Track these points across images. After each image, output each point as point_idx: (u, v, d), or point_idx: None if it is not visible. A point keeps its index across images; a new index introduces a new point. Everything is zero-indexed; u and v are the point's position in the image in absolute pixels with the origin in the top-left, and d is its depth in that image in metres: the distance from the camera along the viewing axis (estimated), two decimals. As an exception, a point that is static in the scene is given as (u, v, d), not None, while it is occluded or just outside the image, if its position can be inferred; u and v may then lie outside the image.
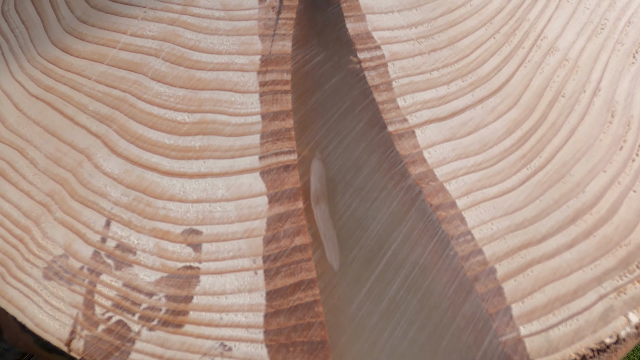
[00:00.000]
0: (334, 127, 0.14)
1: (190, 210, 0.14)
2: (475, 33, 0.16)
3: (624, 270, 0.11)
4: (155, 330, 0.12)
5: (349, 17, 0.17)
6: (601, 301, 0.11)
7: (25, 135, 0.16)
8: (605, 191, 0.12)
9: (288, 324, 0.11)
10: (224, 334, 0.11)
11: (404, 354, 0.11)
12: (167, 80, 0.16)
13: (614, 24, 0.15)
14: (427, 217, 0.12)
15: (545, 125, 0.13)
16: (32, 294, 0.13)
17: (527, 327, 0.11)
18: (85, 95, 0.17)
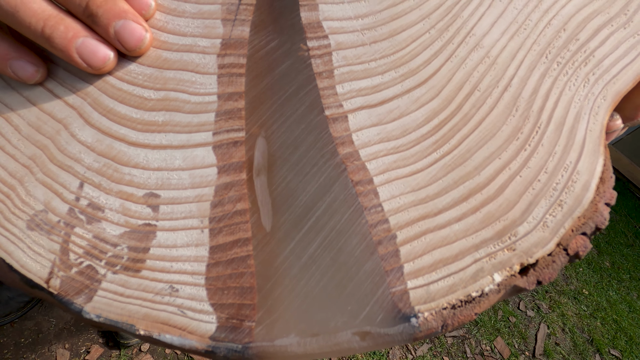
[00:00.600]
0: (279, 109, 0.16)
1: (151, 177, 0.16)
2: (414, 27, 0.17)
3: (497, 240, 0.13)
4: (118, 273, 0.14)
5: (304, 6, 0.18)
6: (475, 264, 0.13)
7: (10, 103, 0.18)
8: (496, 175, 0.14)
9: (225, 272, 0.14)
10: (173, 279, 0.14)
11: (315, 297, 0.13)
12: (136, 58, 0.18)
13: (536, 25, 0.17)
14: (347, 190, 0.15)
15: (458, 115, 0.15)
16: (18, 241, 0.15)
17: (413, 281, 0.13)
18: (63, 69, 0.18)
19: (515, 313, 1.70)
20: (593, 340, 1.77)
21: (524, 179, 0.14)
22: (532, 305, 1.79)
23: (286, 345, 0.13)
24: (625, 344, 1.84)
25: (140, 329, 0.13)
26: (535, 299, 1.82)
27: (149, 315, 0.13)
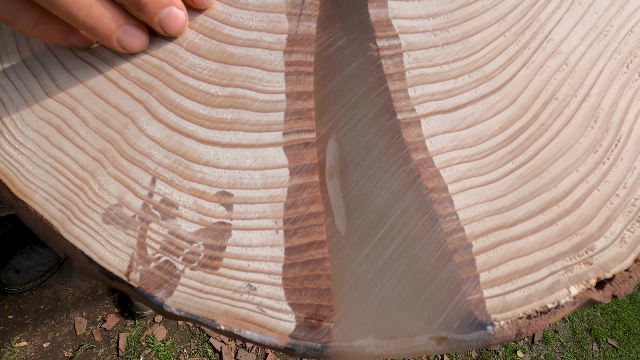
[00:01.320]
0: (350, 110, 0.16)
1: (223, 175, 0.16)
2: (488, 29, 0.17)
3: (574, 254, 0.14)
4: (196, 270, 0.15)
5: (372, 3, 0.18)
6: (551, 276, 0.13)
7: (75, 95, 0.18)
8: (574, 188, 0.14)
9: (302, 274, 0.14)
10: (251, 277, 0.14)
11: (391, 303, 0.14)
12: (200, 52, 0.18)
13: (617, 32, 0.16)
14: (422, 197, 0.15)
15: (535, 125, 0.15)
16: (95, 234, 0.16)
17: (489, 290, 0.13)
18: (126, 61, 0.18)
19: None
20: (592, 329, 1.81)
21: (602, 193, 0.14)
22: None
23: (364, 347, 0.13)
24: (623, 334, 1.88)
25: (220, 324, 0.14)
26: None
27: (228, 312, 0.14)
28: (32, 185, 0.16)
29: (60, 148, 0.17)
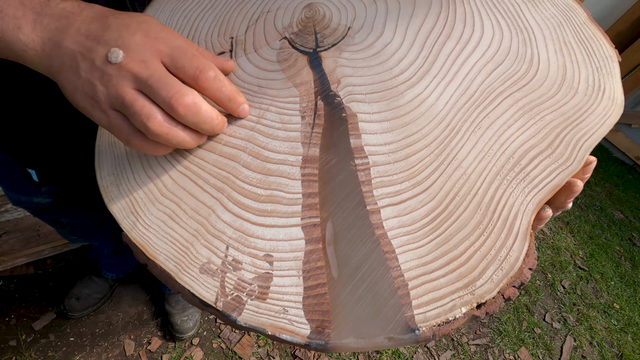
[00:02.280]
0: (339, 205, 0.28)
1: (267, 244, 0.28)
2: (420, 152, 0.28)
3: (464, 289, 0.24)
4: (254, 300, 0.26)
5: (352, 135, 0.30)
6: (451, 302, 0.24)
7: (178, 194, 0.31)
8: (466, 250, 0.25)
9: (313, 302, 0.25)
10: (285, 304, 0.26)
11: (363, 319, 0.25)
12: (251, 167, 0.30)
13: (495, 153, 0.27)
14: (380, 257, 0.26)
15: (445, 212, 0.26)
16: (195, 280, 0.27)
17: (417, 310, 0.24)
18: (207, 173, 0.31)
19: (540, 324, 1.73)
20: (623, 355, 1.76)
21: (482, 253, 0.25)
22: (559, 317, 1.80)
23: (348, 343, 0.24)
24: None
25: (268, 331, 0.25)
26: (562, 312, 1.83)
27: (273, 324, 0.25)
28: (157, 251, 0.29)
29: (172, 228, 0.29)
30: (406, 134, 0.29)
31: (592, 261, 2.12)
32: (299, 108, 0.31)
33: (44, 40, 0.25)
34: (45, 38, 0.25)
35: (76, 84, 0.25)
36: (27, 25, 0.25)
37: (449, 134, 0.28)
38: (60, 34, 0.25)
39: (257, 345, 1.26)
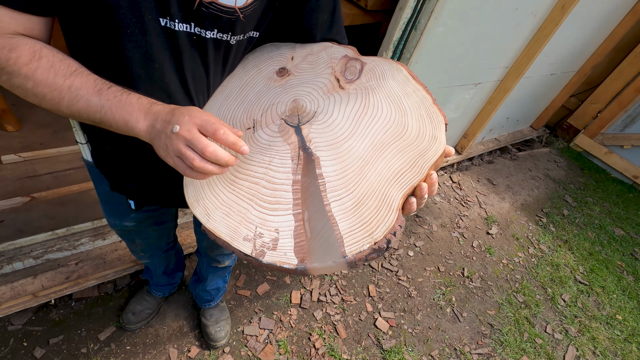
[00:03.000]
0: (311, 202, 0.55)
1: (276, 224, 0.55)
2: (350, 174, 0.56)
3: (370, 238, 0.50)
4: (270, 250, 0.53)
5: (317, 167, 0.57)
6: (362, 243, 0.50)
7: (229, 203, 0.59)
8: (372, 219, 0.52)
9: (298, 249, 0.52)
10: (285, 251, 0.52)
11: (321, 253, 0.51)
12: (266, 187, 0.58)
13: (386, 172, 0.54)
14: (329, 225, 0.53)
15: (361, 202, 0.53)
16: (241, 244, 0.54)
17: (347, 248, 0.50)
18: (244, 191, 0.59)
19: (541, 335, 1.85)
20: (630, 365, 1.84)
21: (378, 220, 0.51)
22: (560, 328, 1.92)
23: (315, 266, 0.50)
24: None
25: (277, 264, 0.52)
26: (564, 323, 1.94)
27: (280, 261, 0.52)
28: (221, 232, 0.56)
29: (227, 220, 0.57)
30: (343, 165, 0.56)
31: (592, 276, 2.24)
32: (290, 155, 0.59)
33: (147, 126, 0.54)
34: (148, 125, 0.54)
35: (160, 144, 0.54)
36: (141, 119, 0.54)
37: (364, 164, 0.55)
38: (154, 122, 0.54)
39: (279, 353, 1.47)
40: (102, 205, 0.90)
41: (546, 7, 1.96)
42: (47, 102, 0.52)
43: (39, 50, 0.50)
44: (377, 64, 0.63)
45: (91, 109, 0.52)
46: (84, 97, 0.52)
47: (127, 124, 0.54)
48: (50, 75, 0.50)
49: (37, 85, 0.50)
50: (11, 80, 0.50)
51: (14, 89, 0.51)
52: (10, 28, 0.49)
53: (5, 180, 1.48)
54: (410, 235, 2.13)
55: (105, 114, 0.53)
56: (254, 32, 0.64)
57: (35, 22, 0.51)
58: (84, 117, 0.54)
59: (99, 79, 0.53)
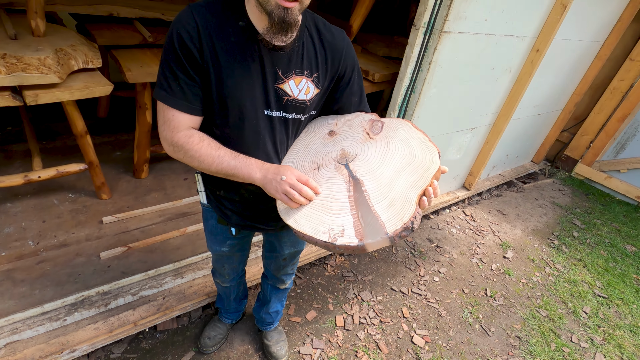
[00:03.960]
0: (361, 206, 0.91)
1: (341, 223, 0.90)
2: (383, 188, 0.92)
3: (400, 222, 0.85)
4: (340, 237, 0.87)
5: (362, 186, 0.94)
6: (396, 225, 0.84)
7: (310, 214, 0.94)
8: (400, 211, 0.86)
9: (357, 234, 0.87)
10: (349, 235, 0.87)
11: (372, 234, 0.86)
12: (332, 202, 0.94)
13: (405, 183, 0.90)
14: (375, 217, 0.88)
15: (393, 204, 0.88)
16: (320, 235, 0.89)
17: (387, 229, 0.85)
18: (319, 205, 0.95)
19: (568, 345, 2.01)
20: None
21: (397, 210, 0.86)
22: (586, 338, 2.07)
23: (369, 242, 0.85)
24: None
25: (345, 243, 0.86)
26: (588, 333, 2.10)
27: (346, 243, 0.86)
28: (306, 230, 0.91)
29: (311, 224, 0.92)
30: (378, 183, 0.92)
31: (610, 289, 2.40)
32: (344, 181, 0.96)
33: (262, 176, 0.92)
34: (262, 175, 0.93)
35: (271, 186, 0.91)
36: (257, 172, 0.93)
37: (391, 181, 0.92)
38: (267, 173, 0.92)
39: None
40: (208, 237, 1.27)
41: (518, 64, 2.43)
42: (204, 164, 0.92)
43: (201, 136, 0.92)
44: (392, 122, 1.03)
45: (229, 168, 0.92)
46: (226, 161, 0.91)
47: (249, 175, 0.92)
48: (208, 150, 0.91)
49: (201, 156, 0.90)
50: (186, 153, 0.91)
51: (186, 158, 0.92)
52: (187, 125, 0.91)
53: (107, 236, 1.88)
54: (434, 263, 2.39)
55: (237, 170, 0.92)
56: (314, 111, 1.06)
57: (198, 120, 0.93)
58: (223, 173, 0.93)
59: (231, 150, 0.93)
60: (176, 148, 0.90)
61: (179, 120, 0.89)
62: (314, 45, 0.94)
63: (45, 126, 2.72)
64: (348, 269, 2.22)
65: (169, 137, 0.90)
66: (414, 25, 1.79)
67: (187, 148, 0.89)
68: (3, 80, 1.36)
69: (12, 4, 1.99)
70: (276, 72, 0.90)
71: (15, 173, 1.90)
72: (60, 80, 1.50)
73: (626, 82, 3.22)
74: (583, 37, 2.81)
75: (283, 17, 0.77)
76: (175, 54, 0.82)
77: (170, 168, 2.57)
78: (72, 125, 1.84)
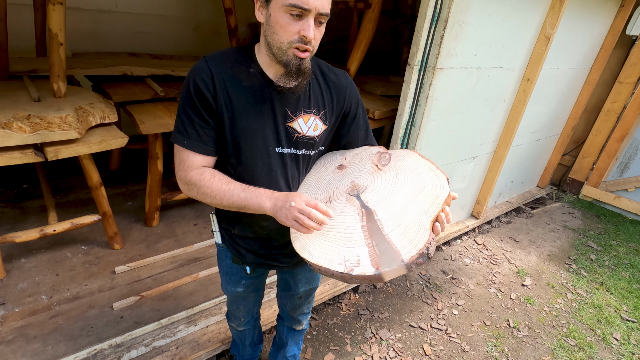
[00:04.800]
0: (374, 235, 0.92)
1: (357, 253, 0.91)
2: (395, 217, 0.94)
3: (415, 248, 0.86)
4: (356, 267, 0.88)
5: (375, 215, 0.96)
6: (411, 251, 0.86)
7: (323, 245, 0.96)
8: (415, 237, 0.88)
9: (373, 263, 0.88)
10: (366, 265, 0.88)
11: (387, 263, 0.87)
12: (345, 233, 0.96)
13: (418, 210, 0.92)
14: (390, 245, 0.89)
15: (406, 231, 0.90)
16: (336, 266, 0.90)
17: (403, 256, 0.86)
18: (332, 233, 0.96)
19: (604, 375, 1.88)
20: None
21: (412, 237, 0.87)
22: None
23: (385, 271, 0.86)
24: None
25: (362, 273, 0.87)
26: (623, 361, 1.97)
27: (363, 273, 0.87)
28: (321, 261, 0.92)
29: (325, 256, 0.93)
30: (391, 211, 0.95)
31: (638, 313, 2.30)
32: (357, 212, 0.98)
33: (272, 205, 0.95)
34: (272, 204, 0.95)
35: (281, 214, 0.94)
36: (267, 202, 0.96)
37: (403, 209, 0.94)
38: (276, 202, 0.95)
39: (355, 415, 1.60)
40: (223, 277, 1.27)
41: (511, 93, 2.53)
42: (217, 199, 0.95)
43: (213, 172, 0.96)
44: (399, 153, 1.08)
45: (240, 200, 0.95)
46: (236, 194, 0.95)
47: (260, 206, 0.95)
48: (219, 184, 0.95)
49: (212, 191, 0.94)
50: (199, 190, 0.94)
51: (200, 195, 0.95)
52: (200, 164, 0.96)
53: (120, 286, 1.87)
54: (451, 295, 2.32)
55: (247, 201, 0.95)
56: (323, 147, 1.11)
57: (211, 160, 0.98)
58: (234, 205, 0.96)
59: (241, 183, 0.97)
60: (190, 186, 0.94)
61: (192, 160, 0.94)
62: (320, 85, 1.01)
63: (59, 182, 2.81)
64: (363, 306, 2.16)
65: (183, 176, 0.94)
66: (409, 64, 1.90)
67: (199, 185, 0.93)
68: (27, 139, 1.44)
69: (35, 70, 2.15)
70: (286, 111, 0.96)
71: (31, 228, 1.94)
72: (79, 136, 1.59)
73: (619, 104, 3.31)
74: (570, 64, 2.94)
75: (299, 66, 0.85)
76: (191, 100, 0.89)
77: (180, 214, 2.61)
78: (87, 178, 1.91)
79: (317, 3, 0.78)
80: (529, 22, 2.27)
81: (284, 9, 0.79)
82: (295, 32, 0.81)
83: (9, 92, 1.80)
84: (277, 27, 0.82)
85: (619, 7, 2.99)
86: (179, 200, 2.65)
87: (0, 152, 1.45)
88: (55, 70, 1.70)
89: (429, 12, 1.76)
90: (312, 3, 0.77)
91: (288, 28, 0.81)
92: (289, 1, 0.77)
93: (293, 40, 0.82)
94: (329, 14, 0.82)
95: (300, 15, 0.79)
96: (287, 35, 0.82)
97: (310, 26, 0.80)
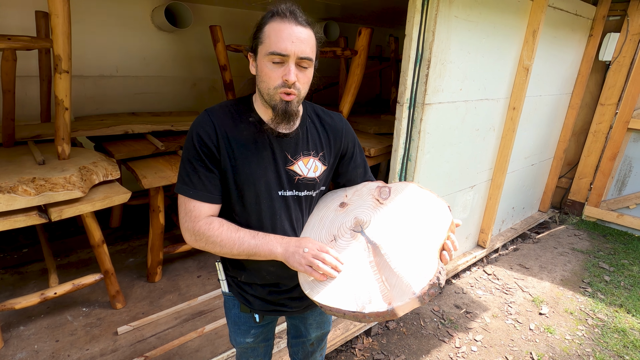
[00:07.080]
0: (383, 269, 0.91)
1: (366, 296, 0.90)
2: (401, 251, 0.94)
3: (425, 280, 0.85)
4: (368, 305, 0.86)
5: (380, 249, 0.96)
6: (423, 283, 0.84)
7: (332, 291, 0.94)
8: (425, 269, 0.87)
9: (385, 299, 0.86)
10: (378, 303, 0.86)
11: (399, 297, 0.85)
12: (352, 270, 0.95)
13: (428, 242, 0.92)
14: (401, 279, 0.88)
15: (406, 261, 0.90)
16: (348, 306, 0.88)
17: (415, 289, 0.85)
18: (342, 278, 0.95)
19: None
20: None
21: (425, 267, 0.87)
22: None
23: (397, 305, 0.84)
24: None
25: (375, 311, 0.85)
26: (659, 389, 1.85)
27: (375, 311, 0.85)
28: (333, 304, 0.90)
29: (336, 300, 0.92)
30: (396, 244, 0.95)
31: (664, 334, 2.20)
32: (363, 248, 0.98)
33: (283, 250, 0.95)
34: (284, 249, 0.95)
35: (294, 259, 0.94)
36: (278, 247, 0.96)
37: (409, 240, 0.94)
38: (288, 247, 0.95)
39: None
40: (232, 328, 1.23)
41: (499, 122, 2.62)
42: (226, 248, 0.95)
43: (221, 221, 0.97)
44: (398, 185, 1.10)
45: (250, 247, 0.95)
46: (246, 242, 0.95)
47: (271, 251, 0.95)
48: (228, 233, 0.95)
49: (222, 240, 0.95)
50: (208, 240, 0.95)
51: (208, 245, 0.96)
52: (207, 213, 0.97)
53: (123, 348, 1.79)
54: (467, 331, 2.23)
55: (258, 248, 0.95)
56: (324, 187, 1.13)
57: (217, 208, 1.00)
58: (245, 253, 0.96)
59: (250, 230, 0.98)
60: (198, 236, 0.94)
61: (199, 210, 0.95)
62: (317, 128, 1.05)
63: (60, 242, 2.78)
64: (378, 350, 2.06)
65: (190, 227, 0.95)
66: (399, 102, 1.99)
67: (208, 235, 0.94)
68: (32, 201, 1.46)
69: (40, 135, 2.23)
70: (286, 156, 0.99)
71: (31, 293, 1.90)
72: (83, 194, 1.61)
73: (605, 124, 3.42)
74: (551, 91, 3.08)
75: (285, 108, 0.90)
76: (195, 151, 0.92)
77: (183, 267, 2.56)
78: (89, 236, 1.90)
79: (295, 48, 0.84)
80: (507, 55, 2.41)
81: (267, 57, 0.86)
82: (279, 77, 0.87)
83: (15, 158, 1.85)
84: (264, 75, 0.89)
85: (588, 37, 3.20)
86: (181, 252, 2.62)
87: (4, 216, 1.46)
88: (60, 134, 1.76)
89: (412, 53, 1.88)
90: (289, 49, 0.84)
91: (272, 74, 0.87)
92: (269, 50, 0.85)
93: (278, 85, 0.88)
94: (311, 58, 0.88)
95: (281, 62, 0.86)
96: (272, 81, 0.88)
97: (291, 71, 0.86)
